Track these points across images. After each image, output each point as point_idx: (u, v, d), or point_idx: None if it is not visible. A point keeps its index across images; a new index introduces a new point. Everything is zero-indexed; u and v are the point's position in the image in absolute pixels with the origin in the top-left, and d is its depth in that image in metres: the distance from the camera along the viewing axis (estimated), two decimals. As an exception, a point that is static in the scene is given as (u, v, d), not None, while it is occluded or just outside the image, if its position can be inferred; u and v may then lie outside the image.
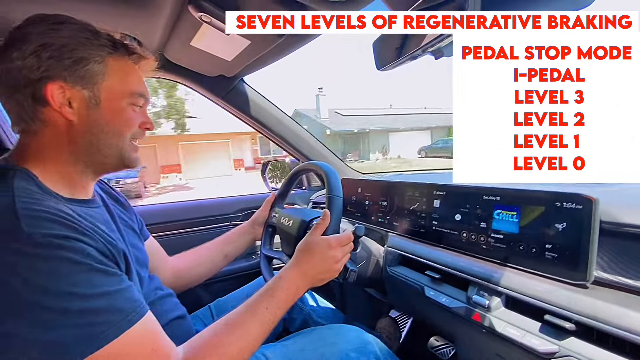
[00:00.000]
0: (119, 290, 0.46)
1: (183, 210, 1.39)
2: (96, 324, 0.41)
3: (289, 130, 1.38)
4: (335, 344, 0.75)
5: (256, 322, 0.59)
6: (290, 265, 0.70)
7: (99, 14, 0.81)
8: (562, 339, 0.51)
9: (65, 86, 0.51)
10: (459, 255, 0.73)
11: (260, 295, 0.63)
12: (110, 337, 0.42)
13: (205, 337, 0.55)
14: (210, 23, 0.73)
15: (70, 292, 0.40)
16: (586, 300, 0.50)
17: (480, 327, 0.63)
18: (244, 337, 0.56)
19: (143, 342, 0.46)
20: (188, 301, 1.05)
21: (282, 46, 0.88)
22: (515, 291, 0.59)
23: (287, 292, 0.65)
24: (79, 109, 0.53)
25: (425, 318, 0.92)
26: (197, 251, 0.97)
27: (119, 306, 0.44)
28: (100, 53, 0.54)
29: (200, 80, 1.17)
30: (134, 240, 0.71)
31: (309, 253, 0.70)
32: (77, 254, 0.42)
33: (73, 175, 0.55)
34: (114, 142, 0.57)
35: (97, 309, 0.42)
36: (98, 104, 0.54)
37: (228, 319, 0.58)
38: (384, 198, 1.01)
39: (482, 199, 0.69)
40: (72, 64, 0.51)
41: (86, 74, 0.53)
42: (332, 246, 0.71)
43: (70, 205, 0.50)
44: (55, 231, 0.42)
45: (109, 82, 0.55)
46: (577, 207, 0.54)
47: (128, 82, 0.58)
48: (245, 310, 0.60)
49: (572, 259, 0.54)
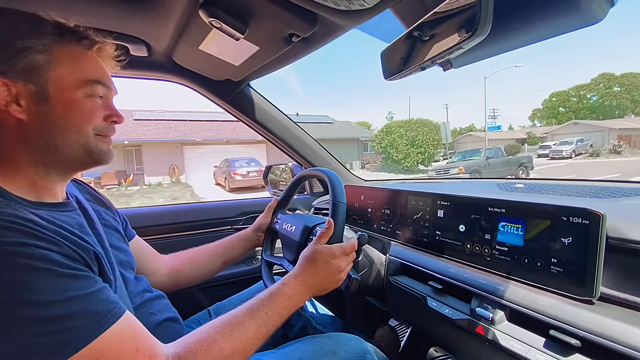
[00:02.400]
0: (91, 293, 0.43)
1: (185, 212, 1.39)
2: (69, 330, 0.40)
3: (294, 135, 1.39)
4: (335, 353, 0.75)
5: (254, 324, 0.56)
6: (294, 273, 0.69)
7: (109, 18, 0.82)
8: (567, 355, 0.50)
9: (7, 82, 0.47)
10: (462, 266, 0.73)
11: (261, 299, 0.61)
12: (86, 340, 0.40)
13: (198, 334, 0.52)
14: (220, 28, 0.74)
15: (35, 300, 0.38)
16: (592, 317, 0.50)
17: (483, 340, 0.62)
18: (239, 338, 0.54)
19: (123, 342, 0.44)
20: (187, 304, 1.05)
21: (290, 52, 0.89)
22: (520, 305, 0.58)
23: (288, 300, 0.64)
24: (28, 106, 0.48)
25: (425, 328, 0.91)
26: (194, 252, 0.96)
27: (92, 309, 0.42)
28: (42, 42, 0.49)
29: (206, 83, 1.17)
30: (117, 241, 0.68)
31: (313, 262, 0.70)
32: (38, 261, 0.40)
33: (34, 179, 0.51)
34: (73, 138, 0.52)
35: (68, 314, 0.40)
36: (47, 97, 0.49)
37: (225, 319, 0.56)
38: (387, 206, 1.01)
39: (487, 211, 0.69)
40: (10, 57, 0.47)
41: (27, 66, 0.48)
42: (337, 255, 0.71)
43: (35, 210, 0.47)
44: (13, 239, 0.39)
45: (57, 72, 0.50)
46: (584, 222, 0.53)
47: (80, 70, 0.52)
48: (244, 312, 0.58)
49: (578, 274, 0.53)
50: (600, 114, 51.91)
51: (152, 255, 0.88)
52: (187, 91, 1.41)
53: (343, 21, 0.70)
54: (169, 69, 1.10)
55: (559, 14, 0.51)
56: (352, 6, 0.62)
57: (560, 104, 59.28)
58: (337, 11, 0.65)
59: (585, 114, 54.82)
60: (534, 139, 38.62)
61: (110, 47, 0.58)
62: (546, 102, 63.39)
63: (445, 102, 72.65)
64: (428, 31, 0.61)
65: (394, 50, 0.70)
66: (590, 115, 53.36)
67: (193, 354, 0.49)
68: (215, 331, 0.53)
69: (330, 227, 0.74)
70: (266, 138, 1.39)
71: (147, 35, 0.91)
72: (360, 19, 0.69)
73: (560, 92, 60.17)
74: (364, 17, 0.68)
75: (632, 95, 52.67)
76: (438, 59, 0.59)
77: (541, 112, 62.87)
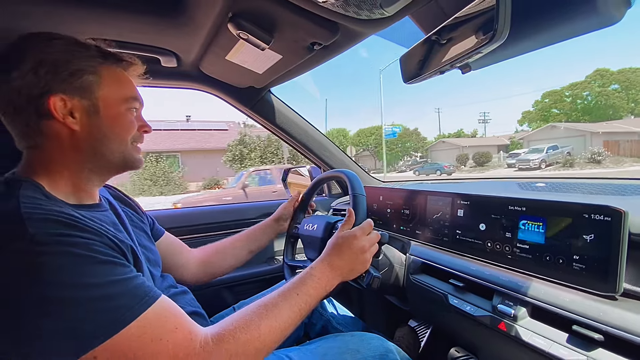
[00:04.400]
0: (130, 278, 0.47)
1: (211, 213, 1.45)
2: (111, 309, 0.43)
3: (313, 139, 1.42)
4: (358, 351, 0.77)
5: (286, 305, 0.60)
6: (320, 258, 0.71)
7: (143, 33, 0.88)
8: (590, 350, 0.51)
9: (65, 98, 0.54)
10: (483, 264, 0.74)
11: (292, 282, 0.65)
12: (129, 319, 0.43)
13: (235, 317, 0.55)
14: (247, 40, 0.78)
15: (80, 282, 0.42)
16: (615, 312, 0.50)
17: (506, 336, 0.63)
18: (275, 317, 0.57)
19: (162, 322, 0.47)
20: (213, 302, 1.10)
21: (312, 60, 0.93)
22: (542, 301, 0.59)
23: (317, 282, 0.66)
24: (81, 118, 0.56)
25: (446, 327, 0.92)
26: (221, 244, 1.01)
27: (132, 291, 0.46)
28: (92, 64, 0.57)
29: (231, 91, 1.23)
30: (145, 241, 0.73)
31: (337, 247, 0.72)
32: (82, 249, 0.44)
33: (78, 183, 0.58)
34: (116, 146, 0.60)
35: (110, 295, 0.44)
36: (98, 111, 0.57)
37: (259, 303, 0.59)
38: (407, 207, 1.03)
39: (507, 209, 0.70)
40: (69, 77, 0.54)
41: (82, 85, 0.55)
42: (357, 236, 0.73)
43: (76, 210, 0.51)
44: (59, 230, 0.44)
45: (105, 90, 0.58)
46: (606, 219, 0.54)
47: (122, 88, 0.61)
48: (276, 295, 0.61)
49: (600, 271, 0.54)
50: (594, 116, 44.17)
51: (183, 249, 0.94)
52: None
53: (363, 29, 0.74)
54: (197, 78, 1.16)
55: (576, 15, 0.52)
56: (373, 15, 0.65)
57: (553, 104, 50.07)
58: (358, 20, 0.69)
59: (577, 115, 46.59)
60: (516, 145, 35.37)
61: (141, 67, 0.66)
62: (538, 103, 53.02)
63: (438, 107, 67.32)
64: (447, 36, 0.64)
65: (413, 54, 0.72)
66: (582, 117, 45.34)
67: (231, 331, 0.52)
68: (251, 312, 0.56)
69: (352, 216, 0.77)
70: (286, 142, 1.44)
71: (178, 47, 0.97)
72: (379, 27, 0.72)
73: (553, 91, 50.30)
74: (384, 25, 0.71)
75: (628, 94, 44.12)
76: (457, 63, 0.61)
77: (532, 115, 52.93)
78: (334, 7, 0.64)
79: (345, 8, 0.63)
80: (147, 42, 0.93)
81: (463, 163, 30.19)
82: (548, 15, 0.55)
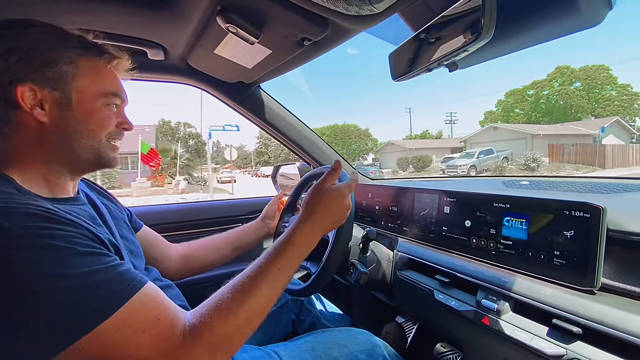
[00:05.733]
0: (113, 266, 0.46)
1: (196, 210, 1.43)
2: (96, 297, 0.42)
3: (302, 135, 1.42)
4: (345, 346, 0.78)
5: (267, 284, 0.55)
6: (303, 220, 0.66)
7: (130, 25, 0.86)
8: (570, 343, 0.53)
9: (35, 88, 0.52)
10: (468, 260, 0.75)
11: (271, 255, 0.60)
12: (112, 308, 0.43)
13: (212, 301, 0.52)
14: (236, 33, 0.77)
15: (61, 273, 0.41)
16: (593, 306, 0.52)
17: (489, 330, 0.64)
18: (254, 300, 0.53)
19: (146, 310, 0.46)
20: (198, 299, 1.08)
21: (302, 55, 0.92)
22: (524, 296, 0.61)
23: (299, 250, 0.62)
24: (51, 110, 0.53)
25: (432, 322, 0.93)
26: (205, 240, 1.00)
27: (115, 279, 0.45)
28: (69, 54, 0.54)
29: (219, 86, 1.21)
30: (126, 232, 0.71)
31: (323, 204, 0.67)
32: (61, 240, 0.43)
33: (49, 176, 0.56)
34: (88, 142, 0.57)
35: (93, 283, 0.43)
36: (70, 104, 0.54)
37: (238, 283, 0.55)
38: (394, 203, 1.04)
39: (492, 206, 0.71)
40: (42, 66, 0.52)
41: (56, 75, 0.53)
42: (345, 195, 0.69)
43: (53, 203, 0.50)
44: (36, 223, 0.43)
45: (81, 82, 0.55)
46: (586, 215, 0.56)
47: (101, 82, 0.58)
48: (256, 272, 0.56)
49: (580, 266, 0.56)
50: (554, 117, 41.38)
51: (161, 243, 0.92)
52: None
53: (353, 25, 0.74)
54: (184, 72, 1.14)
55: (560, 16, 0.54)
56: (362, 11, 0.65)
57: (515, 104, 47.23)
58: (347, 16, 0.69)
59: (537, 116, 43.80)
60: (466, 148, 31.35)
61: (127, 61, 0.63)
62: (501, 102, 49.83)
63: (409, 107, 62.82)
64: (435, 34, 0.64)
65: (401, 52, 0.73)
66: (542, 118, 42.80)
67: (209, 324, 0.49)
68: (229, 298, 0.52)
69: (338, 168, 0.71)
70: (276, 138, 1.43)
71: (165, 40, 0.95)
72: (369, 23, 0.72)
73: (516, 90, 47.34)
74: (373, 22, 0.71)
75: (589, 94, 40.66)
76: (444, 61, 0.62)
77: (494, 115, 49.54)
78: (323, 2, 0.64)
79: (334, 3, 0.63)
80: (133, 34, 0.91)
81: (403, 168, 27.82)
82: (533, 16, 0.56)
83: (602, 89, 41.04)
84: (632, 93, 39.93)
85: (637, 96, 39.90)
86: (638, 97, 39.86)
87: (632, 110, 39.46)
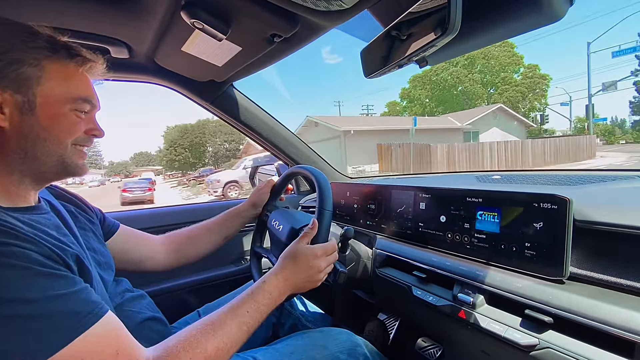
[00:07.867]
0: (71, 293, 0.43)
1: (179, 213, 1.39)
2: (49, 328, 0.39)
3: (278, 134, 1.40)
4: (326, 347, 0.76)
5: (235, 324, 0.57)
6: (274, 271, 0.69)
7: (87, 19, 0.81)
8: (542, 332, 0.54)
9: None
10: (444, 255, 0.76)
11: (243, 298, 0.62)
12: (65, 340, 0.40)
13: (181, 336, 0.52)
14: (203, 29, 0.74)
15: (15, 298, 0.38)
16: (562, 295, 0.53)
17: (465, 324, 0.65)
18: (222, 337, 0.54)
19: (103, 344, 0.44)
20: (176, 306, 1.05)
21: (273, 53, 0.90)
22: (498, 288, 0.62)
23: (269, 297, 0.64)
24: (12, 115, 0.49)
25: (412, 318, 0.94)
26: (192, 231, 0.97)
27: (72, 308, 0.42)
28: (35, 56, 0.50)
29: (189, 85, 1.17)
30: (94, 243, 0.68)
31: (294, 261, 0.70)
32: (18, 259, 0.40)
33: (9, 185, 0.52)
34: (52, 149, 0.53)
35: (47, 313, 0.40)
36: (33, 109, 0.50)
37: (207, 320, 0.56)
38: (372, 201, 1.03)
39: (465, 201, 0.72)
40: (3, 67, 0.48)
41: (19, 77, 0.49)
42: (318, 256, 0.71)
43: (10, 213, 0.47)
44: None
45: (46, 86, 0.51)
46: (553, 207, 0.57)
47: (69, 87, 0.54)
48: (226, 312, 0.59)
49: (549, 256, 0.57)
50: (447, 106, 34.75)
51: (145, 239, 0.88)
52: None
53: (323, 21, 0.72)
54: (151, 70, 1.09)
55: (524, 14, 0.55)
56: (331, 7, 0.63)
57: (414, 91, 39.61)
58: (317, 12, 0.67)
59: (432, 106, 37.92)
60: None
61: (101, 65, 0.59)
62: (404, 90, 42.05)
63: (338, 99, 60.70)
64: (404, 30, 0.64)
65: (372, 49, 0.72)
66: (436, 108, 36.53)
67: (175, 356, 0.48)
68: (197, 332, 0.53)
69: (315, 228, 0.74)
70: (251, 138, 1.39)
71: (128, 37, 0.90)
72: (339, 19, 0.71)
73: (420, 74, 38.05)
74: (343, 18, 0.70)
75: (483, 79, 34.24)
76: (414, 57, 0.62)
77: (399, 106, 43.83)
78: (291, -4, 0.62)
79: (303, -2, 0.62)
80: (93, 30, 0.85)
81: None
82: (497, 13, 0.57)
83: (504, 70, 34.78)
84: (540, 75, 33.56)
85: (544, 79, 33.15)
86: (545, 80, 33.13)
87: (535, 96, 33.46)
